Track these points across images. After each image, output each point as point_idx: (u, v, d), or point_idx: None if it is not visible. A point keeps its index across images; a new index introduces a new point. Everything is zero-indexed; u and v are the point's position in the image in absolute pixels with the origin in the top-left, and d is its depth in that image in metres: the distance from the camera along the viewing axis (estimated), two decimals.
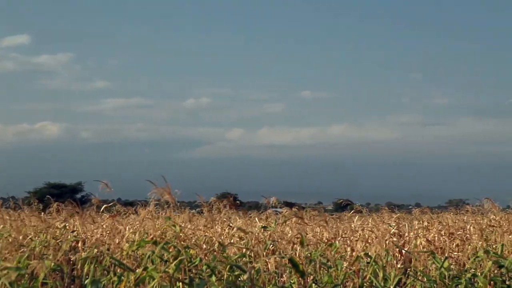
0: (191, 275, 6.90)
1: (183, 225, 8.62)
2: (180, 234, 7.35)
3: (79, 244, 9.63)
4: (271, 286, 8.85)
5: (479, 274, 8.69)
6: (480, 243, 11.63)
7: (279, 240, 10.65)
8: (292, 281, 8.33)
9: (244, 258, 9.05)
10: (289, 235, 11.22)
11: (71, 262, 8.63)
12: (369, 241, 10.18)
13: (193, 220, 12.29)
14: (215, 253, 8.56)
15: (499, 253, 10.07)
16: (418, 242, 12.05)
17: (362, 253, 9.58)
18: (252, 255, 9.10)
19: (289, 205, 11.15)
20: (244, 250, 9.37)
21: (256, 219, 13.57)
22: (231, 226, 10.52)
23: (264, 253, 9.59)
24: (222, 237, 10.05)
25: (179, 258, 6.70)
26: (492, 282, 8.52)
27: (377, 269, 9.06)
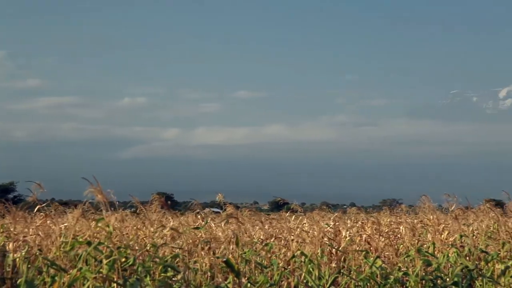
0: (125, 275, 6.83)
1: (116, 226, 8.50)
2: (114, 235, 7.25)
3: (11, 245, 9.42)
4: (206, 286, 8.82)
5: (411, 272, 8.82)
6: (412, 242, 11.81)
7: (215, 240, 10.62)
8: (227, 281, 8.31)
9: (178, 258, 9.00)
10: (224, 235, 11.20)
11: (2, 263, 8.44)
12: (305, 240, 10.23)
13: (127, 220, 12.16)
14: (149, 253, 8.49)
15: (430, 252, 10.25)
16: (353, 241, 12.17)
17: (297, 253, 9.63)
18: (187, 255, 9.05)
19: (225, 204, 11.11)
20: (178, 250, 9.31)
21: (191, 219, 13.51)
22: (164, 226, 10.44)
23: (200, 253, 9.56)
24: (156, 238, 9.95)
25: (112, 258, 6.62)
26: (423, 280, 8.65)
27: (312, 268, 9.11)
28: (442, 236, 11.77)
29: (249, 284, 8.39)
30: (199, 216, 12.98)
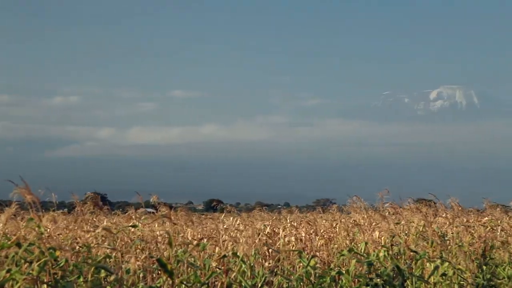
0: (57, 277, 6.72)
1: (47, 226, 8.35)
2: (44, 235, 7.12)
3: None
4: (139, 286, 8.75)
5: (344, 272, 8.91)
6: (345, 241, 11.95)
7: (148, 240, 10.55)
8: (160, 282, 8.26)
9: (111, 259, 8.89)
10: (158, 235, 11.13)
11: None
12: (239, 240, 10.23)
13: (59, 220, 11.96)
14: (83, 254, 8.37)
15: (362, 251, 10.37)
16: (287, 241, 12.24)
17: (230, 252, 9.63)
18: (120, 255, 8.96)
19: (159, 204, 11.04)
20: (111, 250, 9.21)
21: (125, 219, 13.38)
22: (97, 226, 10.31)
23: (133, 253, 9.47)
24: (89, 238, 9.81)
25: (43, 259, 6.50)
26: (356, 279, 8.75)
27: (245, 268, 9.12)
28: (374, 235, 11.93)
29: (182, 284, 8.35)
30: (133, 216, 12.87)
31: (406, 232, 12.32)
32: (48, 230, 8.58)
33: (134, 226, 11.36)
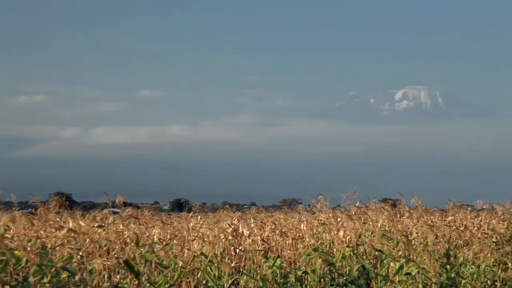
0: (18, 278, 6.64)
1: (9, 227, 8.26)
2: (6, 236, 7.04)
3: None
4: (104, 287, 8.68)
5: (310, 271, 8.94)
6: (311, 241, 11.98)
7: (114, 240, 10.47)
8: (126, 282, 8.21)
9: (75, 259, 8.81)
10: (124, 235, 11.06)
11: None
12: (205, 240, 10.21)
13: (20, 221, 11.82)
14: (46, 254, 8.28)
15: (328, 251, 10.42)
16: (253, 241, 12.24)
17: (198, 253, 9.61)
18: (85, 256, 8.88)
19: (126, 205, 10.97)
20: (76, 251, 9.12)
21: (89, 219, 13.28)
22: (62, 227, 10.21)
23: (99, 254, 9.40)
24: (53, 238, 9.71)
25: (4, 260, 6.43)
26: (321, 279, 8.78)
27: (212, 268, 9.11)
28: (340, 235, 11.98)
29: (148, 284, 8.31)
30: (98, 216, 12.78)
31: (372, 231, 12.40)
32: (11, 230, 8.49)
33: (100, 226, 11.28)
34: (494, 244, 12.19)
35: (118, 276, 9.34)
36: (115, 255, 9.60)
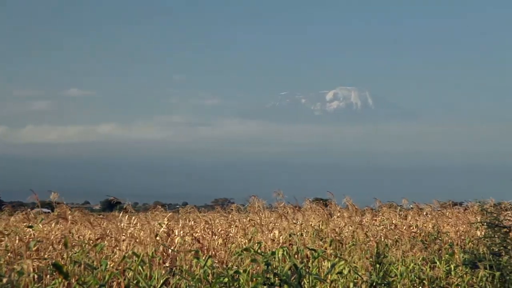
0: None
1: None
2: None
3: None
4: None
5: (242, 271, 8.95)
6: (243, 241, 12.01)
7: (43, 241, 10.30)
8: (55, 283, 8.08)
9: (2, 261, 8.64)
10: (53, 235, 10.89)
11: None
12: (136, 240, 10.13)
13: None
14: None
15: (260, 250, 10.45)
16: (185, 241, 12.20)
17: (129, 253, 9.53)
18: (13, 257, 8.72)
19: (56, 204, 10.80)
20: (3, 252, 8.95)
21: (18, 219, 13.04)
22: None
23: (28, 255, 9.23)
24: None
25: None
26: (253, 279, 8.80)
27: (143, 269, 9.05)
28: (272, 234, 12.04)
29: (78, 286, 8.19)
30: (27, 216, 12.55)
31: (304, 231, 12.50)
32: None
33: (29, 226, 11.07)
34: (422, 243, 12.43)
35: (47, 278, 9.17)
36: (45, 256, 9.43)
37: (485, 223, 10.49)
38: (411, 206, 17.00)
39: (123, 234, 11.41)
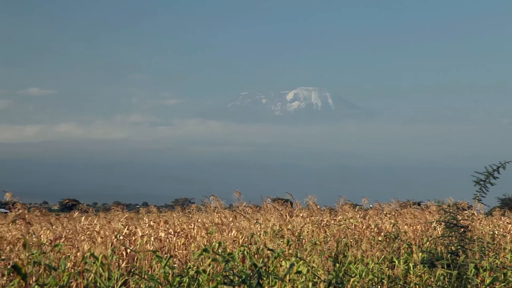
0: None
1: None
2: None
3: None
4: None
5: (202, 271, 8.95)
6: (204, 241, 12.00)
7: (1, 241, 10.19)
8: (14, 284, 8.00)
9: None
10: (11, 236, 10.78)
11: None
12: (96, 241, 10.07)
13: None
14: None
15: (220, 250, 10.46)
16: (145, 241, 12.15)
17: (88, 253, 9.46)
18: None
19: (14, 204, 10.66)
20: None
21: None
22: None
23: None
24: None
25: None
26: (213, 279, 8.80)
27: (102, 269, 9.00)
28: (232, 234, 12.06)
29: (37, 286, 8.12)
30: None
31: (264, 231, 12.53)
32: None
33: None
34: (381, 242, 12.55)
35: (4, 279, 9.07)
36: (2, 257, 9.33)
37: (443, 223, 10.61)
38: (371, 205, 17.13)
39: (83, 234, 11.33)
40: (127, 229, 12.78)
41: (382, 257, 11.28)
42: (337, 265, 11.07)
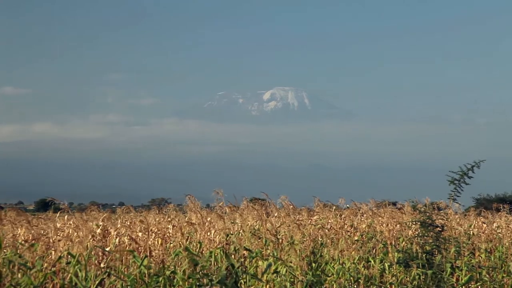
0: None
1: None
2: None
3: None
4: None
5: (179, 271, 8.95)
6: (181, 241, 11.98)
7: None
8: None
9: None
10: None
11: None
12: (72, 241, 10.02)
13: None
14: None
15: (197, 250, 10.46)
16: (121, 241, 12.11)
17: (64, 253, 9.42)
18: None
19: None
20: None
21: None
22: None
23: None
24: None
25: None
26: (190, 279, 8.80)
27: (78, 269, 8.95)
28: (209, 234, 12.05)
29: (11, 287, 8.06)
30: None
31: (242, 231, 12.54)
32: None
33: None
34: (358, 241, 12.60)
35: None
36: None
37: (418, 222, 10.69)
38: (347, 205, 17.18)
39: (58, 234, 11.27)
40: (103, 229, 12.73)
41: (358, 256, 11.33)
42: (314, 264, 11.11)
